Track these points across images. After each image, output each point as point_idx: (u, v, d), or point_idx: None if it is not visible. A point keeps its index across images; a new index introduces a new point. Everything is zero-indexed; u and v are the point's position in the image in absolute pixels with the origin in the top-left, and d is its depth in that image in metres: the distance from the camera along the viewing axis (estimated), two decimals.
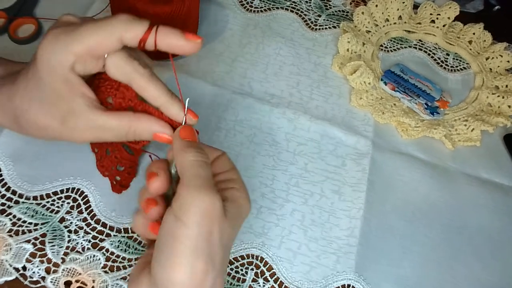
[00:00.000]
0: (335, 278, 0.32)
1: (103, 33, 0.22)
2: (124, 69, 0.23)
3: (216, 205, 0.21)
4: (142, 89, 0.24)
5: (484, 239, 0.35)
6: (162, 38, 0.22)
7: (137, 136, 0.25)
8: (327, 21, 0.47)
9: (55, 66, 0.22)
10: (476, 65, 0.46)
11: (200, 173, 0.21)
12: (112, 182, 0.32)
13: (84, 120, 0.23)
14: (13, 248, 0.29)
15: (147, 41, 0.22)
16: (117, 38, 0.22)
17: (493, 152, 0.41)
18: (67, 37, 0.22)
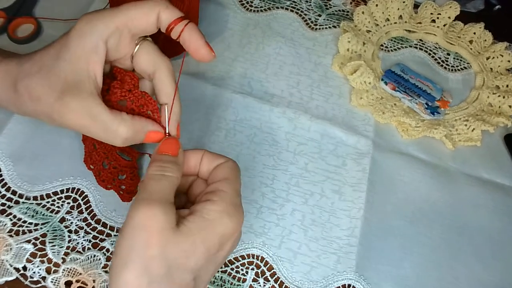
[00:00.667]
0: (336, 278, 0.32)
1: (144, 8, 0.24)
2: (155, 57, 0.25)
3: (156, 218, 0.20)
4: (162, 82, 0.25)
5: (485, 239, 0.35)
6: (188, 32, 0.25)
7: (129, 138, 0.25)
8: (327, 21, 0.47)
9: (93, 32, 0.23)
10: (476, 64, 0.46)
11: (149, 186, 0.22)
12: (119, 193, 0.31)
13: (81, 101, 0.23)
14: (14, 248, 0.29)
15: (175, 29, 0.24)
16: (156, 15, 0.24)
17: (493, 152, 0.41)
18: (109, 11, 0.24)
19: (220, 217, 0.22)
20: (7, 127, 0.34)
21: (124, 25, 0.24)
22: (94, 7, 0.42)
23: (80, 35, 0.23)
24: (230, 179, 0.24)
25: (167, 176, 0.23)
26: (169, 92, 0.26)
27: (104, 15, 0.24)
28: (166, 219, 0.21)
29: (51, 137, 0.34)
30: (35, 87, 0.24)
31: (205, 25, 0.44)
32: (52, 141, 0.34)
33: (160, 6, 0.24)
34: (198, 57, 0.25)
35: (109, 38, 0.24)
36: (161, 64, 0.25)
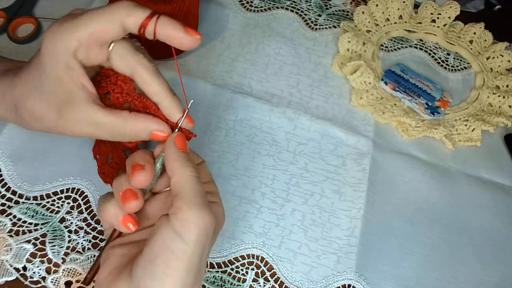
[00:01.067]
0: (336, 278, 0.32)
1: (105, 18, 0.22)
2: (128, 60, 0.23)
3: (212, 224, 0.21)
4: (144, 83, 0.24)
5: (485, 240, 0.35)
6: (162, 27, 0.22)
7: (133, 136, 0.24)
8: (327, 21, 0.47)
9: (58, 52, 0.22)
10: (476, 64, 0.46)
11: (199, 191, 0.22)
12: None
13: (80, 112, 0.23)
14: (14, 248, 0.29)
15: (147, 29, 0.22)
16: (119, 23, 0.22)
17: (493, 152, 0.41)
18: (70, 24, 0.22)
19: (223, 217, 0.25)
20: (7, 127, 0.34)
21: (87, 39, 0.22)
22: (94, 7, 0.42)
23: (49, 56, 0.23)
24: (212, 180, 0.26)
25: (200, 177, 0.23)
26: (155, 90, 0.24)
27: (66, 30, 0.22)
28: (214, 224, 0.22)
29: (51, 138, 0.34)
30: (35, 109, 0.24)
31: (205, 25, 0.44)
32: (52, 141, 0.34)
33: (122, 12, 0.22)
34: (184, 47, 0.23)
35: (76, 53, 0.22)
36: (137, 66, 0.23)
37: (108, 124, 0.23)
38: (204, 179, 0.25)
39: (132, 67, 0.23)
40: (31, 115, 0.24)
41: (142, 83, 0.24)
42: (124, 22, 0.22)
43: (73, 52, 0.22)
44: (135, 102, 0.25)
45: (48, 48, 0.22)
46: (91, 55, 0.23)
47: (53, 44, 0.22)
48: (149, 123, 0.24)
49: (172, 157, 0.23)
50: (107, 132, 0.24)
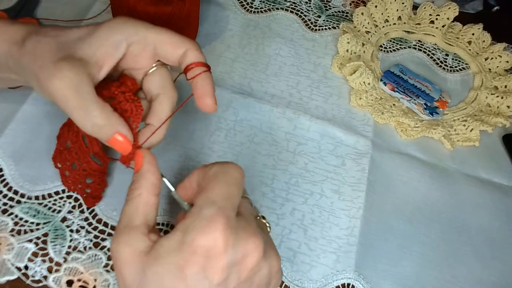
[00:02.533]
0: (335, 277, 0.32)
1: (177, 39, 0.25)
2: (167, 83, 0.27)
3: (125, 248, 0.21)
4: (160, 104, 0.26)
5: (484, 239, 0.35)
6: (203, 78, 0.25)
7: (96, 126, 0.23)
8: (326, 22, 0.47)
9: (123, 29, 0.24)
10: (475, 65, 0.46)
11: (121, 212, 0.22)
12: (83, 196, 0.31)
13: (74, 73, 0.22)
14: (15, 248, 0.30)
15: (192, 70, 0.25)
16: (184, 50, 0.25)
17: (492, 152, 0.41)
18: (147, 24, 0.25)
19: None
20: (9, 127, 0.34)
21: (153, 41, 0.25)
22: (95, 9, 0.43)
23: (111, 28, 0.24)
24: None
25: (133, 199, 0.22)
26: (162, 117, 0.26)
27: (139, 23, 0.25)
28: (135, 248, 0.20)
29: (52, 137, 0.34)
30: (44, 45, 0.24)
31: (206, 26, 0.44)
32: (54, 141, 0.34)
33: (191, 45, 0.25)
34: (201, 105, 0.25)
35: (133, 44, 0.25)
36: (169, 92, 0.26)
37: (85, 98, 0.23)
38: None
39: (164, 89, 0.26)
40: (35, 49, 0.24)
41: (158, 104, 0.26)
42: (187, 53, 0.25)
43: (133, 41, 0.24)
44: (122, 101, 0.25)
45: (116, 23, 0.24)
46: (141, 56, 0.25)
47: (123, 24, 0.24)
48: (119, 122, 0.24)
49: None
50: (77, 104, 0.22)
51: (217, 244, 0.19)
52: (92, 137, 0.27)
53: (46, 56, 0.23)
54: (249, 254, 0.20)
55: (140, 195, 0.22)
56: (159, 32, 0.25)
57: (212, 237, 0.19)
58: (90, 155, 0.28)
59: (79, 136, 0.28)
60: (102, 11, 0.42)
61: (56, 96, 0.23)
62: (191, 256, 0.19)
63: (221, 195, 0.20)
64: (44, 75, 0.23)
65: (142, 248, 0.20)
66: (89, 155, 0.28)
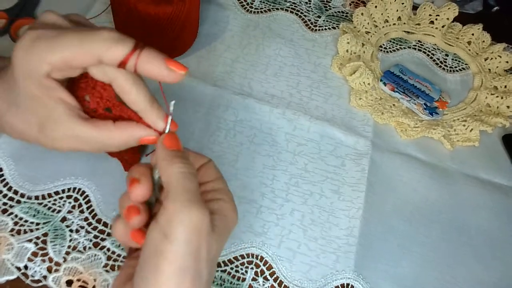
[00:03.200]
0: (335, 277, 0.32)
1: (81, 49, 0.20)
2: (106, 70, 0.22)
3: (204, 221, 0.20)
4: (123, 92, 0.22)
5: (484, 239, 0.35)
6: (143, 64, 0.21)
7: (121, 146, 0.23)
8: (326, 22, 0.47)
9: (30, 73, 0.21)
10: (475, 65, 0.46)
11: (187, 187, 0.20)
12: (123, 162, 0.32)
13: (63, 128, 0.22)
14: (15, 247, 0.30)
15: (127, 64, 0.21)
16: (95, 56, 0.20)
17: (492, 153, 0.41)
18: (43, 45, 0.20)
19: (233, 214, 0.23)
20: None
21: (60, 63, 0.21)
22: (95, 9, 0.43)
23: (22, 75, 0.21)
24: (222, 176, 0.25)
25: (194, 174, 0.22)
26: (133, 99, 0.22)
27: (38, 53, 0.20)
28: (209, 221, 0.20)
29: None
30: (15, 124, 0.23)
31: (206, 26, 0.44)
32: None
33: (100, 47, 0.20)
34: (168, 81, 0.22)
35: (49, 73, 0.21)
36: (115, 75, 0.22)
37: (93, 138, 0.22)
38: (209, 177, 0.25)
39: (110, 75, 0.22)
40: (12, 130, 0.23)
41: (120, 91, 0.23)
42: (101, 56, 0.20)
43: (46, 73, 0.21)
44: (115, 109, 0.24)
45: (18, 66, 0.21)
46: (66, 73, 0.22)
47: (24, 64, 0.21)
48: (135, 131, 0.23)
49: (160, 157, 0.22)
50: (92, 145, 0.23)
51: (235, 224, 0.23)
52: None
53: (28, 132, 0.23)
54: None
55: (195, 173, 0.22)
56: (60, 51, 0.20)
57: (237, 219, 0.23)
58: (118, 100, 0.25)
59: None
60: (102, 11, 0.42)
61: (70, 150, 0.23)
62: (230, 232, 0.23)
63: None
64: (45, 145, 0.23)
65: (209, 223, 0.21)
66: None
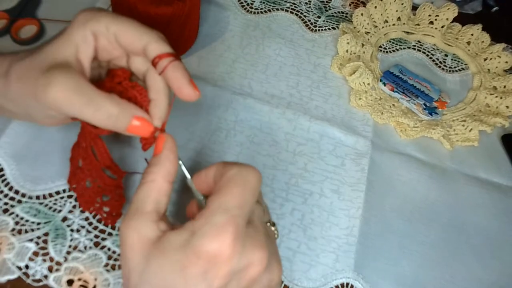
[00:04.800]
0: (334, 276, 0.32)
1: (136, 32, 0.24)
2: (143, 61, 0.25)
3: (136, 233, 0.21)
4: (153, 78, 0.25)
5: (483, 239, 0.36)
6: (174, 68, 0.24)
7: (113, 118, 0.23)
8: (326, 22, 0.47)
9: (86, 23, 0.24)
10: (474, 66, 0.46)
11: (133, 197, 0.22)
12: (102, 215, 0.30)
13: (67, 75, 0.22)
14: (16, 247, 0.30)
15: (159, 63, 0.24)
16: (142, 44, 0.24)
17: (491, 152, 0.41)
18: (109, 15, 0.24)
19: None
20: (10, 126, 0.34)
21: (113, 32, 0.24)
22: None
23: (75, 25, 0.24)
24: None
25: (146, 183, 0.22)
26: (160, 87, 0.25)
27: (103, 15, 0.24)
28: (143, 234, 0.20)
29: (53, 137, 0.34)
30: (24, 67, 0.24)
31: (206, 27, 0.44)
32: (55, 141, 0.34)
33: (150, 38, 0.24)
34: (181, 96, 0.24)
35: (99, 36, 0.24)
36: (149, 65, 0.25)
37: (89, 94, 0.22)
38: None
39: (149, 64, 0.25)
40: (17, 74, 0.24)
41: (151, 78, 0.25)
42: (147, 47, 0.23)
43: (98, 34, 0.24)
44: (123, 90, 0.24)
45: (79, 19, 0.24)
46: (111, 47, 0.24)
47: (85, 18, 0.24)
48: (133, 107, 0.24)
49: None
50: (83, 102, 0.22)
51: (223, 252, 0.19)
52: (102, 150, 0.26)
53: (32, 75, 0.23)
54: (252, 265, 0.20)
55: (154, 180, 0.22)
56: (120, 22, 0.24)
57: (219, 245, 0.19)
58: (102, 169, 0.27)
59: (88, 150, 0.27)
60: None
61: (60, 103, 0.22)
62: (196, 259, 0.19)
63: (235, 202, 0.20)
64: (39, 90, 0.22)
65: (150, 236, 0.20)
66: (101, 168, 0.27)
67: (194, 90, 0.24)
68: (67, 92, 0.22)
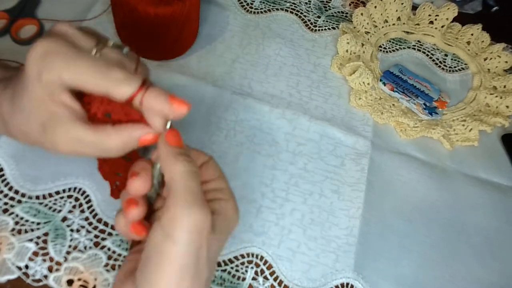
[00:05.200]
0: (334, 276, 0.32)
1: (94, 79, 0.21)
2: None
3: (206, 222, 0.20)
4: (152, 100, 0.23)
5: (483, 239, 0.36)
6: (148, 100, 0.22)
7: (121, 149, 0.23)
8: (326, 22, 0.47)
9: (39, 77, 0.21)
10: (474, 65, 0.46)
11: (190, 186, 0.21)
12: (112, 187, 0.31)
13: (63, 130, 0.23)
14: (16, 247, 0.30)
15: (134, 100, 0.22)
16: (104, 90, 0.21)
17: (491, 152, 0.41)
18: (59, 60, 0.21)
19: (234, 213, 0.24)
20: None
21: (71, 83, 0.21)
22: (96, 9, 0.43)
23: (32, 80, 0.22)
24: (223, 175, 0.25)
25: (196, 172, 0.22)
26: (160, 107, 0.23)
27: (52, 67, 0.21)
28: (211, 221, 0.21)
29: None
30: (20, 126, 0.24)
31: (206, 27, 0.44)
32: None
33: (112, 82, 0.21)
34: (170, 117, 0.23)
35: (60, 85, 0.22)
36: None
37: (92, 142, 0.23)
38: (210, 176, 0.25)
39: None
40: (19, 131, 0.24)
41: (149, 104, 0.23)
42: (110, 92, 0.21)
43: (54, 83, 0.22)
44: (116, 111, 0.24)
45: (30, 71, 0.22)
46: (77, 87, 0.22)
47: (35, 70, 0.21)
48: (133, 131, 0.23)
49: (163, 154, 0.22)
50: (92, 149, 0.23)
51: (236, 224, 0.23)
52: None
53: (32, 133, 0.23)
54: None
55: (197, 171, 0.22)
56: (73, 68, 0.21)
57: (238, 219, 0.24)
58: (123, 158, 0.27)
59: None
60: (103, 11, 0.42)
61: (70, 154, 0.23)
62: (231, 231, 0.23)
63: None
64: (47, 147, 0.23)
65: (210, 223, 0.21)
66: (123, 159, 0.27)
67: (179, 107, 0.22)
68: (72, 146, 0.23)
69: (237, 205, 0.24)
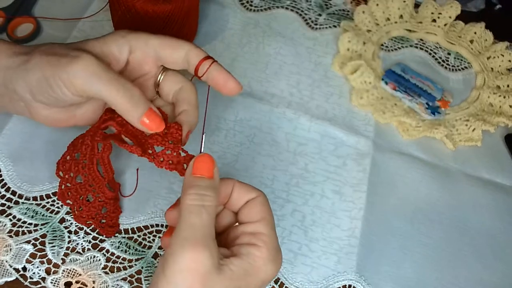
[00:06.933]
0: (336, 278, 0.32)
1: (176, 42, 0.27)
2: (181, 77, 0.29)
3: (203, 261, 0.19)
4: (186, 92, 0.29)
5: (486, 240, 0.35)
6: (214, 69, 0.27)
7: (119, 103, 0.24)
8: (327, 20, 0.46)
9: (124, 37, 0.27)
10: (477, 64, 0.46)
11: (193, 222, 0.20)
12: (100, 228, 0.30)
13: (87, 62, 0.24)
14: (13, 249, 0.29)
15: (201, 67, 0.27)
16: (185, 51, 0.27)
17: (494, 152, 0.41)
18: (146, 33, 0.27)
19: (265, 264, 0.22)
20: (7, 127, 0.34)
21: (153, 46, 0.26)
22: (93, 7, 0.42)
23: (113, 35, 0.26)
24: (267, 219, 0.23)
25: (207, 207, 0.21)
26: (192, 99, 0.28)
27: (140, 32, 0.27)
28: (212, 262, 0.20)
29: (50, 138, 0.34)
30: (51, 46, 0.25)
31: (205, 25, 0.43)
32: (52, 141, 0.34)
33: (190, 46, 0.27)
34: (226, 90, 0.27)
35: (135, 50, 0.26)
36: (187, 84, 0.29)
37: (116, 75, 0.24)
38: (251, 217, 0.23)
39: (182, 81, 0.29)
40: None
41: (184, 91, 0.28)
42: (189, 54, 0.27)
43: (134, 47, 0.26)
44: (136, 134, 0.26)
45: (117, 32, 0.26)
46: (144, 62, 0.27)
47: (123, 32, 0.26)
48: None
49: (184, 183, 0.22)
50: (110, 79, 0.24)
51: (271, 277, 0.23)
52: (107, 165, 0.27)
53: (59, 51, 0.24)
54: None
55: (211, 206, 0.21)
56: (159, 37, 0.27)
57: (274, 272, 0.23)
58: (106, 185, 0.28)
59: (93, 167, 0.27)
60: (100, 9, 0.42)
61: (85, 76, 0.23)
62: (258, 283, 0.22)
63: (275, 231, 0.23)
64: (64, 62, 0.23)
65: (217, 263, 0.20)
66: (105, 184, 0.28)
67: (237, 83, 0.27)
68: (94, 67, 0.24)
69: (275, 256, 0.22)
